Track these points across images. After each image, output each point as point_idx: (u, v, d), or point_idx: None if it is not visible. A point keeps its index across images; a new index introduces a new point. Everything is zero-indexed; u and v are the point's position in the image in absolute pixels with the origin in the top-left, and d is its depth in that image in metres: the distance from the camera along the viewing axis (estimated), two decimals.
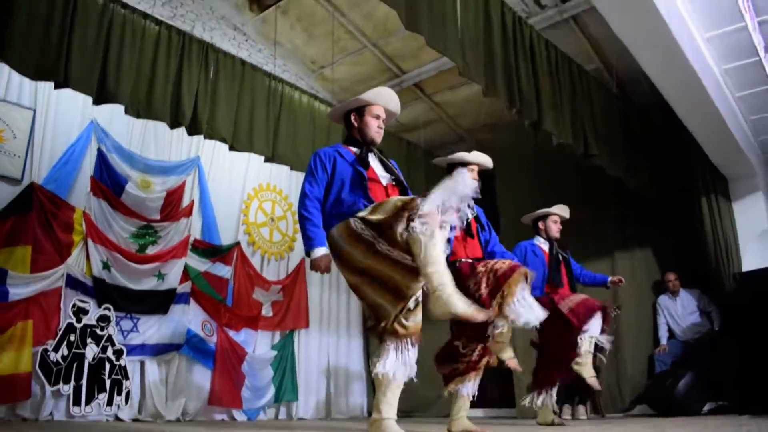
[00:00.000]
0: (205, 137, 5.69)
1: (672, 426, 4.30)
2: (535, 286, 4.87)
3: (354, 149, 3.37)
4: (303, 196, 3.20)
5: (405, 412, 8.33)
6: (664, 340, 6.82)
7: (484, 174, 8.93)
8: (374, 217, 2.88)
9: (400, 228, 2.73)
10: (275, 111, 6.14)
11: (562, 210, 5.58)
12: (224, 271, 7.06)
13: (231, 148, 5.82)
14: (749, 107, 6.52)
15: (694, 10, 5.21)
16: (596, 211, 7.52)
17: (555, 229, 5.51)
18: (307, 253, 3.14)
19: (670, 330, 6.87)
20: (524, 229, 7.77)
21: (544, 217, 5.56)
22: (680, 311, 6.82)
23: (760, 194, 6.82)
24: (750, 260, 6.56)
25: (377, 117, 3.42)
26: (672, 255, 7.14)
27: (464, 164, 4.44)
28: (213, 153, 7.23)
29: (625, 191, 7.07)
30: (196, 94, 5.41)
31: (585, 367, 4.97)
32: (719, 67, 5.87)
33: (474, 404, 8.26)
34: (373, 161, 3.34)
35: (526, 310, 3.54)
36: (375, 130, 3.39)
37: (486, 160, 4.62)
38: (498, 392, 8.41)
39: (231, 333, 6.94)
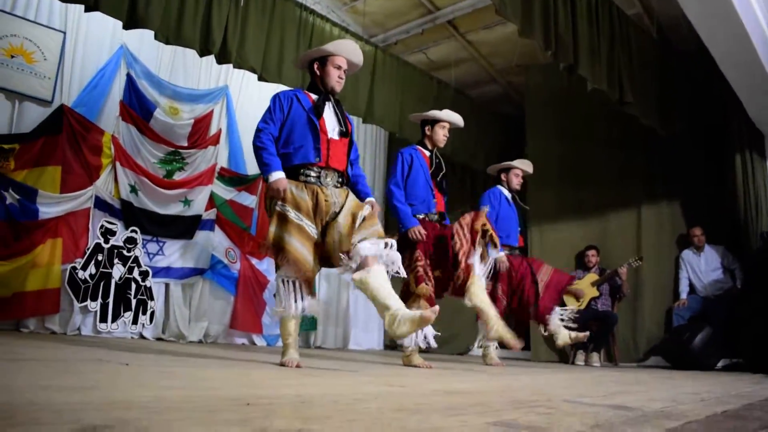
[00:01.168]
0: (234, 66, 5.66)
1: (684, 377, 4.34)
2: (510, 234, 5.66)
3: (313, 96, 3.52)
4: (258, 131, 3.40)
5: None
6: (684, 295, 6.80)
7: (512, 117, 8.89)
8: None
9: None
10: (305, 42, 6.07)
11: (524, 165, 5.89)
12: (249, 200, 7.14)
13: (260, 78, 5.79)
14: None
15: None
16: (625, 160, 7.42)
17: (516, 182, 5.85)
18: (265, 179, 3.30)
19: (691, 285, 6.84)
20: (550, 175, 7.73)
21: (507, 170, 5.90)
22: (703, 267, 6.77)
23: None
24: None
25: (338, 67, 3.53)
26: (699, 209, 7.03)
27: (436, 121, 4.78)
28: (242, 82, 7.21)
29: (656, 141, 6.94)
30: (226, 22, 5.35)
31: (561, 336, 5.32)
32: (766, 14, 5.64)
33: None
34: (328, 111, 3.49)
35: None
36: (336, 79, 3.52)
37: (457, 119, 4.85)
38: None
39: (254, 261, 7.07)
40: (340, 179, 3.42)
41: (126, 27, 4.84)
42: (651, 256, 7.04)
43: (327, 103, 3.50)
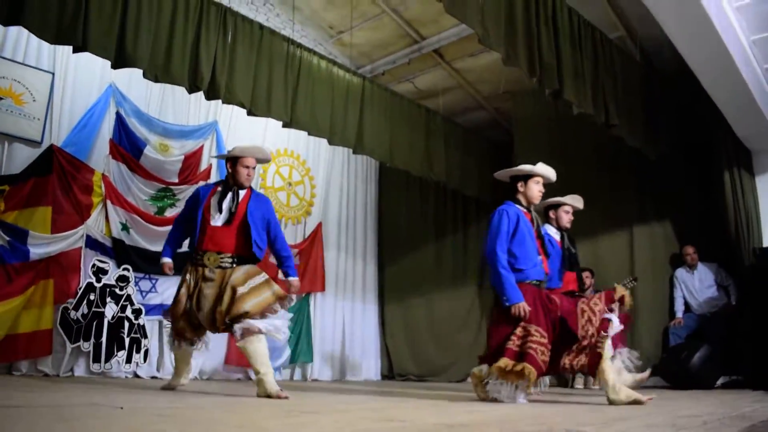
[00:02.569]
0: (223, 102, 5.67)
1: (684, 398, 4.33)
2: (552, 277, 4.77)
3: (219, 188, 4.22)
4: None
5: (420, 377, 8.49)
6: (680, 314, 6.80)
7: (501, 142, 8.94)
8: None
9: None
10: (293, 76, 6.10)
11: (575, 200, 5.28)
12: None
13: (249, 113, 5.81)
14: None
15: None
16: (615, 182, 7.46)
17: (566, 219, 5.24)
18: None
19: (686, 303, 6.84)
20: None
21: (556, 207, 5.25)
22: (697, 285, 6.78)
23: None
24: None
25: (247, 167, 4.21)
26: (691, 228, 7.07)
27: (529, 176, 4.20)
28: (231, 117, 7.24)
29: (645, 162, 6.98)
30: (214, 58, 5.37)
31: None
32: (747, 37, 5.73)
33: None
34: (226, 203, 4.14)
35: None
36: (245, 177, 4.21)
37: (551, 174, 4.28)
38: None
39: None
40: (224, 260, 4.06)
41: (114, 66, 4.85)
42: (645, 276, 7.04)
43: (229, 193, 4.15)
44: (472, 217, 9.20)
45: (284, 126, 6.15)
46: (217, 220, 4.09)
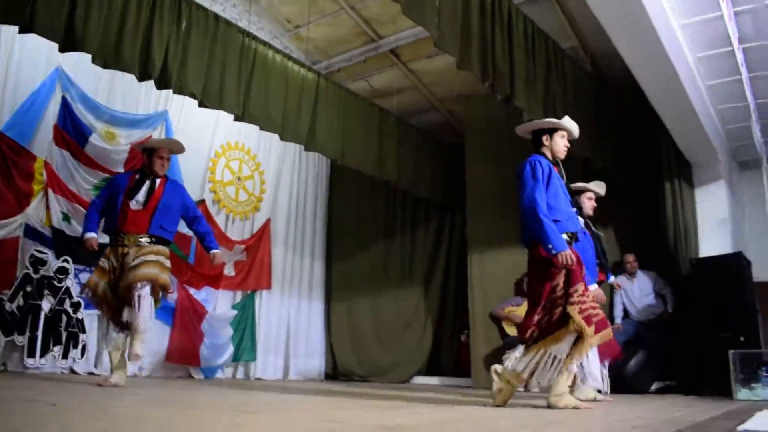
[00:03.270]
0: (174, 91, 5.55)
1: (619, 402, 4.44)
2: (590, 271, 4.57)
3: (137, 176, 4.63)
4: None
5: (363, 377, 8.49)
6: (618, 320, 6.95)
7: (453, 144, 9.01)
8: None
9: None
10: (247, 69, 6.02)
11: (599, 187, 5.14)
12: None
13: (200, 104, 5.70)
14: (719, 96, 6.60)
15: None
16: None
17: (589, 206, 5.09)
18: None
19: (625, 310, 7.02)
20: (488, 203, 7.84)
21: (579, 193, 5.06)
22: (636, 292, 6.95)
23: (722, 182, 6.94)
24: (708, 246, 6.71)
25: (161, 158, 4.67)
26: (632, 237, 7.26)
27: (554, 130, 4.07)
28: (182, 108, 7.10)
29: (591, 171, 7.13)
30: (166, 46, 5.25)
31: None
32: (693, 54, 5.92)
33: (429, 372, 8.49)
34: (143, 190, 4.56)
35: None
36: (159, 166, 4.65)
37: (575, 129, 4.13)
38: (454, 361, 8.58)
39: (192, 291, 6.92)
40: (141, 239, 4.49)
41: (62, 50, 4.68)
42: None
43: (147, 181, 4.60)
44: (421, 219, 9.25)
45: (236, 119, 6.06)
46: (136, 205, 4.50)
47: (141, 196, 4.53)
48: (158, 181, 4.64)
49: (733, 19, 5.28)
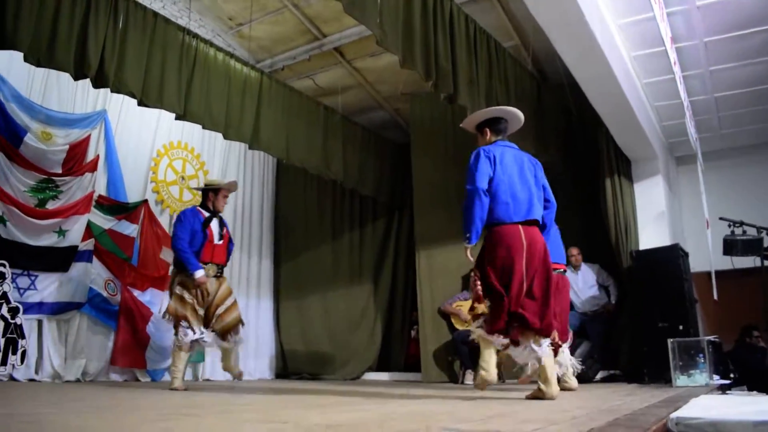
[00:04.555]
0: (111, 90, 5.41)
1: (563, 392, 4.54)
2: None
3: (205, 213, 5.32)
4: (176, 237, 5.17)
5: (313, 375, 8.47)
6: None
7: (399, 143, 9.05)
8: None
9: None
10: (188, 67, 5.92)
11: None
12: (130, 229, 6.86)
13: (140, 103, 5.58)
14: (655, 94, 6.82)
15: None
16: None
17: None
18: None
19: (570, 302, 7.17)
20: (435, 200, 7.91)
21: None
22: (581, 284, 7.12)
23: (659, 177, 7.18)
24: (647, 239, 6.94)
25: (225, 196, 5.46)
26: (576, 231, 7.42)
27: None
28: (121, 107, 6.95)
29: None
30: (103, 44, 5.11)
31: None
32: (629, 53, 6.09)
33: (380, 368, 8.51)
34: (214, 224, 5.30)
35: None
36: (223, 205, 5.44)
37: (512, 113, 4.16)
38: (404, 357, 8.64)
39: (136, 293, 6.78)
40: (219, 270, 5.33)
41: None
42: None
43: (214, 219, 5.32)
44: (368, 217, 9.27)
45: (177, 118, 5.96)
46: (216, 240, 5.25)
47: (217, 231, 5.28)
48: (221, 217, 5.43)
49: (665, 19, 5.44)
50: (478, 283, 3.81)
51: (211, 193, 5.38)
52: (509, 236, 3.67)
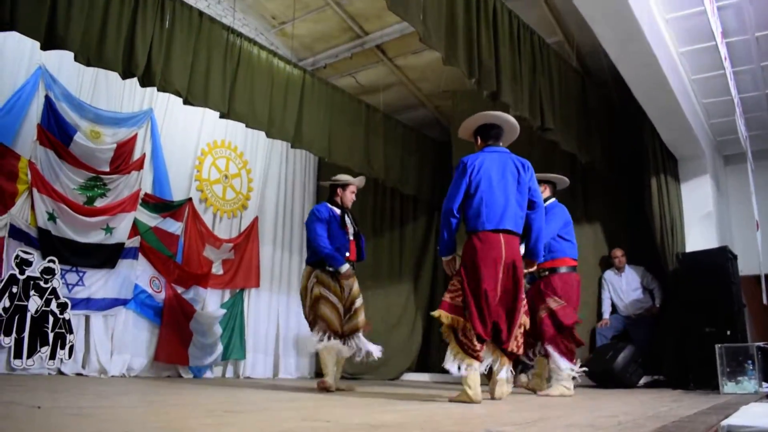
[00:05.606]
0: (158, 90, 5.49)
1: (606, 397, 4.46)
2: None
3: (336, 210, 5.24)
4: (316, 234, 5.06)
5: (353, 375, 8.48)
6: (606, 315, 7.00)
7: (440, 141, 9.01)
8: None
9: None
10: (233, 66, 5.98)
11: (558, 179, 5.45)
12: (175, 227, 6.97)
13: (185, 102, 5.65)
14: (703, 90, 6.64)
15: None
16: None
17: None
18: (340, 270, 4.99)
19: (613, 305, 7.05)
20: None
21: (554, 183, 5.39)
22: (624, 287, 6.99)
23: (707, 176, 6.97)
24: (694, 240, 6.73)
25: (353, 192, 5.35)
26: (620, 232, 7.29)
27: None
28: (167, 106, 7.06)
29: (577, 166, 7.16)
30: (150, 44, 5.20)
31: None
32: (677, 48, 5.95)
33: (419, 369, 8.46)
34: (347, 221, 5.25)
35: None
36: (351, 200, 5.33)
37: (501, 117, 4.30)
38: (443, 358, 8.57)
39: (180, 290, 6.89)
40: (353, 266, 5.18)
41: (44, 48, 4.63)
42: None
43: (347, 215, 5.28)
44: (408, 216, 9.25)
45: (221, 117, 6.02)
46: (351, 236, 5.20)
47: (351, 227, 5.25)
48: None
49: (716, 13, 5.30)
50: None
51: (340, 189, 5.31)
52: (480, 245, 3.75)
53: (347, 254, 5.10)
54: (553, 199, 5.29)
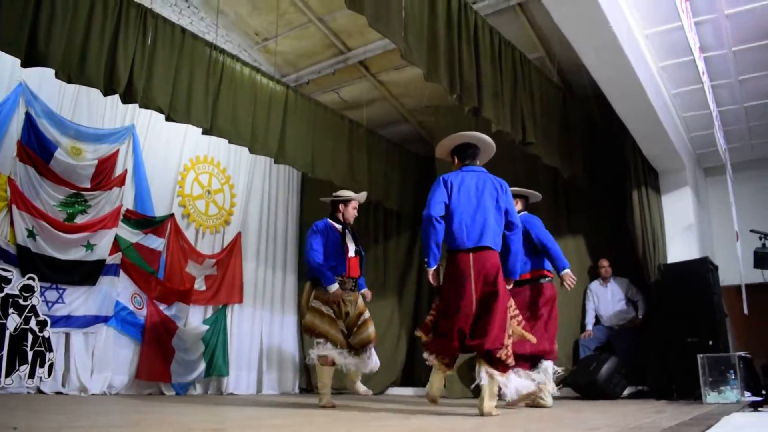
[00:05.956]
0: (140, 106, 5.45)
1: (590, 409, 4.47)
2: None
3: (337, 225, 5.19)
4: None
5: (338, 389, 8.42)
6: (590, 326, 7.03)
7: (424, 156, 9.04)
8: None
9: None
10: (215, 82, 5.97)
11: (531, 195, 5.58)
12: (157, 243, 6.92)
13: (167, 119, 5.62)
14: (683, 104, 6.74)
15: (635, 7, 5.34)
16: None
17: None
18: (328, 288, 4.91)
19: (596, 316, 7.08)
20: None
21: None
22: (609, 298, 7.04)
23: (687, 189, 7.06)
24: (675, 252, 6.80)
25: (355, 207, 5.33)
26: (603, 244, 7.34)
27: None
28: (149, 122, 7.03)
29: (560, 180, 7.21)
30: (132, 60, 5.17)
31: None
32: (656, 63, 6.03)
33: (404, 383, 8.41)
34: (348, 237, 5.18)
35: None
36: (353, 216, 5.30)
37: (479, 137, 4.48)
38: (428, 372, 8.55)
39: (162, 306, 6.83)
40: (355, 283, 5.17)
41: (24, 65, 4.59)
42: (558, 289, 7.25)
43: (348, 232, 5.20)
44: (392, 230, 9.25)
45: (204, 133, 5.99)
46: (352, 253, 5.14)
47: (351, 244, 5.18)
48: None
49: (693, 29, 5.39)
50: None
51: (341, 205, 5.29)
52: (459, 262, 3.86)
53: (344, 273, 5.05)
54: (525, 212, 5.35)
